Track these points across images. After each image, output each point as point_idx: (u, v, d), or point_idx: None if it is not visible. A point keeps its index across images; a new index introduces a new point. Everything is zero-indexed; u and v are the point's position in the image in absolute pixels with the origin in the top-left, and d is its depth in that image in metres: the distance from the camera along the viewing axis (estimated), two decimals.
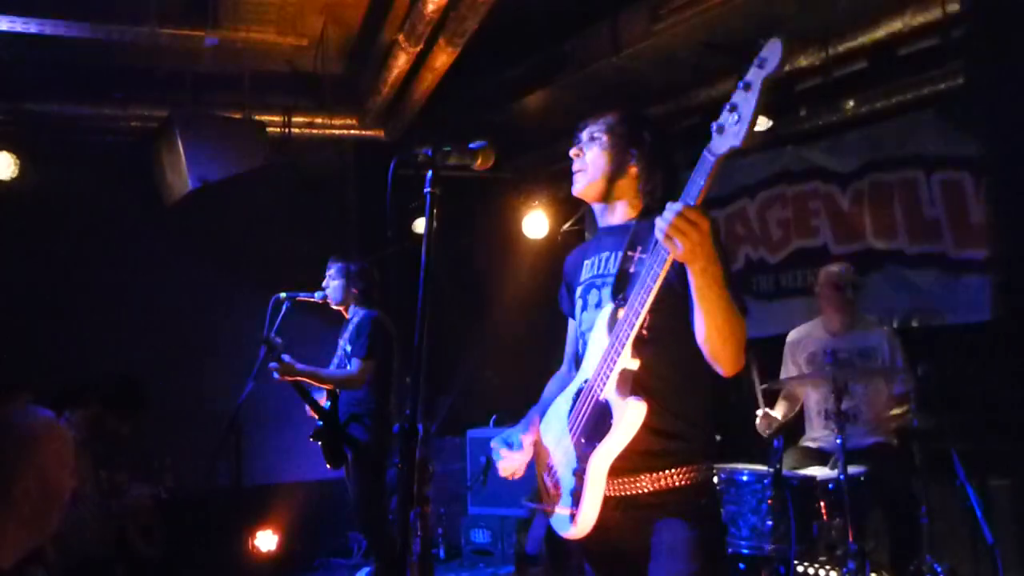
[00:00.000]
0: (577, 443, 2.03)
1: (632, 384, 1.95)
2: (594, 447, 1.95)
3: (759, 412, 4.09)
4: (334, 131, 5.76)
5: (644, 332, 1.96)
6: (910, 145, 4.87)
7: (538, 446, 2.21)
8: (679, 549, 1.97)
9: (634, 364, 1.94)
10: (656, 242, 1.82)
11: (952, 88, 4.41)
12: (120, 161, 5.52)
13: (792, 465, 3.94)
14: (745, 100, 1.65)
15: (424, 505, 1.78)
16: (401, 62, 4.77)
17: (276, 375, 4.07)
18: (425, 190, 2.02)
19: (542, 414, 2.25)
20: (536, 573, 5.08)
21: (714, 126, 1.70)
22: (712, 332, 1.89)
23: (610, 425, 1.93)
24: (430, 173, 2.02)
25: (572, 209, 6.68)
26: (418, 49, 4.60)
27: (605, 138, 2.20)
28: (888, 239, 4.99)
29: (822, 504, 3.63)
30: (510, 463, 2.20)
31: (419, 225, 6.09)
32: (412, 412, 1.83)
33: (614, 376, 1.94)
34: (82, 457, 3.88)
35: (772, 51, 1.64)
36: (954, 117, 4.30)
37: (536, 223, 6.51)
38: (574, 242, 7.05)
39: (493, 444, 2.24)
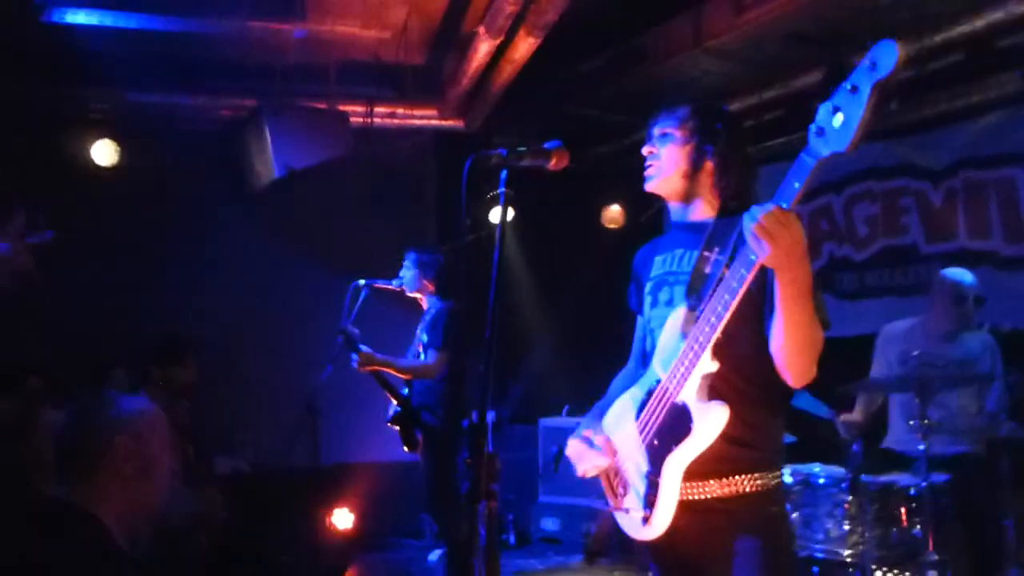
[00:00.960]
0: (650, 445, 2.00)
1: (711, 388, 1.92)
2: (670, 450, 1.93)
3: (839, 419, 3.99)
4: (414, 121, 5.85)
5: (720, 337, 1.90)
6: (1008, 142, 4.65)
7: (606, 440, 2.19)
8: (750, 558, 1.95)
9: (714, 367, 1.89)
10: (741, 245, 1.77)
11: None
12: (211, 149, 5.72)
13: (872, 468, 3.83)
14: (851, 103, 1.53)
15: (491, 499, 1.79)
16: (481, 53, 4.81)
17: (355, 365, 4.19)
18: (500, 190, 2.03)
19: (604, 411, 2.23)
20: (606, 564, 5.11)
21: (812, 128, 1.59)
22: (790, 343, 1.82)
23: (689, 429, 1.90)
24: (504, 172, 2.04)
25: (649, 202, 6.62)
26: (499, 41, 4.63)
27: (678, 134, 2.13)
28: (982, 239, 4.78)
29: (903, 510, 3.54)
30: (591, 463, 2.16)
31: (496, 215, 6.13)
32: (481, 405, 1.85)
33: (694, 379, 1.90)
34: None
35: (885, 53, 1.49)
36: None
37: (613, 215, 6.48)
38: (651, 235, 6.97)
39: (571, 443, 2.21)
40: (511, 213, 6.50)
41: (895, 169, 5.21)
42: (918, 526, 3.50)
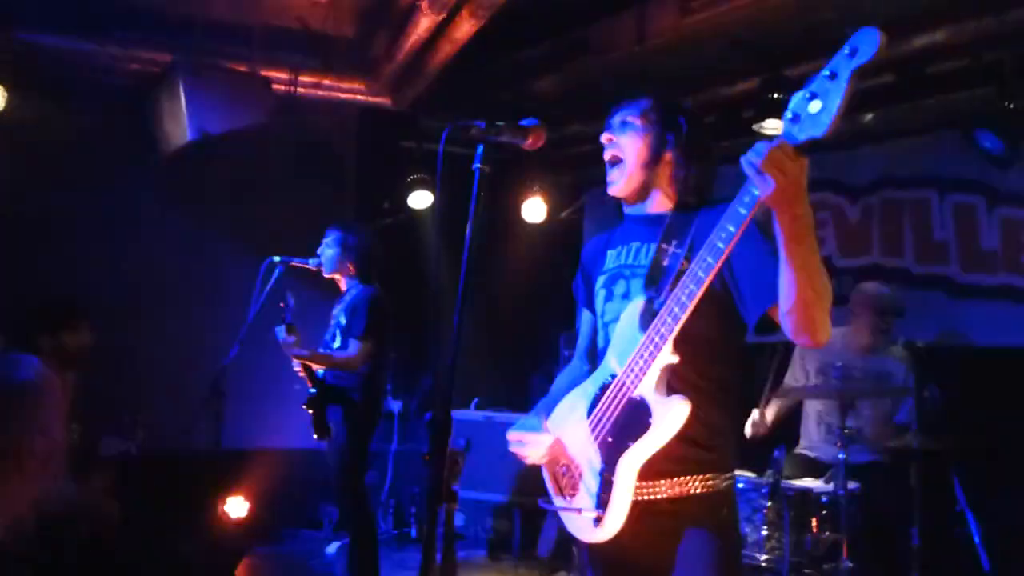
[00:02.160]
0: (603, 443, 1.94)
1: (668, 385, 1.87)
2: (626, 447, 1.87)
3: (754, 413, 4.05)
4: (341, 94, 5.60)
5: (679, 332, 1.86)
6: (925, 165, 4.85)
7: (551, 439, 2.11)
8: (697, 561, 1.91)
9: (675, 359, 1.84)
10: (702, 238, 1.75)
11: (977, 111, 4.37)
12: (117, 104, 5.32)
13: (786, 474, 3.91)
14: (830, 89, 1.53)
15: (451, 501, 1.69)
16: (421, 29, 4.62)
17: (284, 345, 3.96)
18: (475, 166, 1.93)
19: (550, 409, 2.15)
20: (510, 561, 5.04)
21: (787, 114, 1.58)
22: (807, 291, 1.70)
23: (647, 424, 1.84)
24: (479, 148, 1.93)
25: (571, 196, 6.60)
26: (441, 17, 4.46)
27: (639, 123, 2.09)
28: (894, 257, 4.97)
29: (815, 518, 3.61)
30: (535, 447, 2.07)
31: (416, 198, 5.96)
32: (445, 402, 1.75)
33: (653, 372, 1.84)
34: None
35: (866, 40, 1.52)
36: (975, 141, 4.26)
37: (535, 208, 6.41)
38: (573, 230, 7.00)
39: (511, 434, 2.12)
40: (430, 199, 6.35)
41: (818, 183, 5.35)
42: (828, 532, 3.58)
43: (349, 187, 6.35)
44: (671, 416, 1.82)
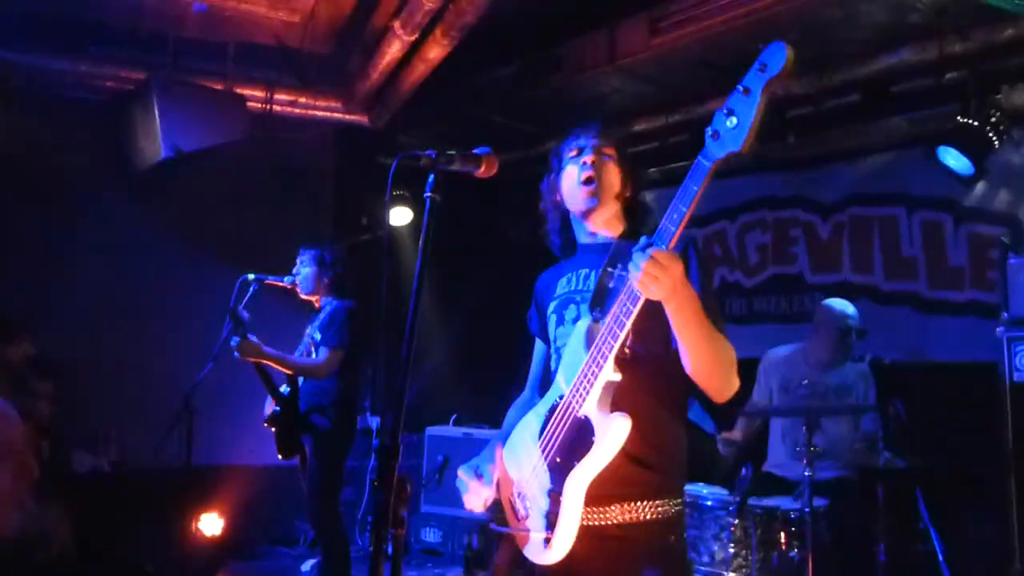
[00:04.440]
0: (552, 463, 1.95)
1: (613, 403, 1.88)
2: (572, 466, 1.88)
3: (719, 437, 4.08)
4: (317, 112, 5.61)
5: (626, 351, 1.89)
6: (895, 182, 4.91)
7: (504, 467, 2.13)
8: None
9: (616, 377, 1.86)
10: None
11: (942, 130, 4.44)
12: (90, 121, 5.30)
13: (753, 491, 3.93)
14: (744, 104, 1.60)
15: (399, 527, 1.69)
16: (394, 49, 4.67)
17: (237, 353, 3.93)
18: (425, 194, 1.94)
19: (506, 437, 2.18)
20: None
21: (708, 131, 1.66)
22: (698, 362, 1.86)
23: (591, 443, 1.85)
24: (431, 177, 1.94)
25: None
26: (413, 38, 4.50)
27: (617, 158, 2.16)
28: (864, 273, 5.02)
29: (782, 535, 3.62)
30: (476, 498, 2.11)
31: (394, 215, 5.97)
32: (394, 427, 1.75)
33: (596, 390, 1.86)
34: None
35: (775, 54, 1.59)
36: (941, 159, 4.32)
37: (511, 223, 6.43)
38: (546, 248, 6.99)
39: (461, 473, 2.14)
40: (410, 216, 6.35)
41: (788, 200, 5.41)
42: (796, 549, 3.60)
43: (326, 204, 6.36)
44: (612, 432, 1.83)
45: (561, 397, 1.97)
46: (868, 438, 3.96)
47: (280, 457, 4.20)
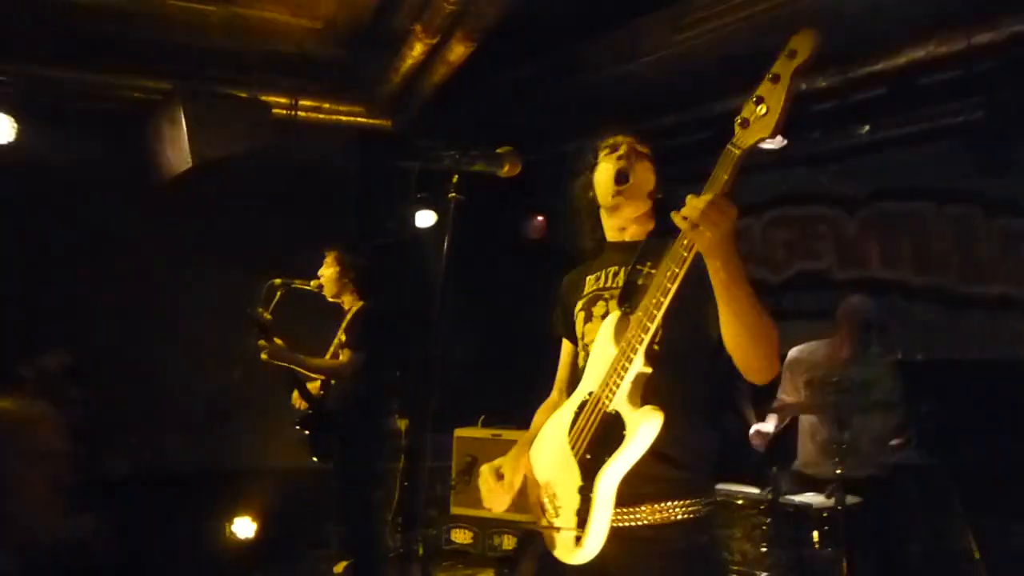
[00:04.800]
0: (582, 460, 1.94)
1: (643, 399, 1.87)
2: (603, 462, 1.87)
3: (752, 429, 4.06)
4: (340, 117, 5.66)
5: (655, 346, 1.88)
6: (923, 176, 4.84)
7: (532, 466, 2.13)
8: None
9: (647, 370, 1.85)
10: (671, 244, 1.78)
11: (970, 121, 4.37)
12: (119, 131, 5.37)
13: (784, 490, 3.90)
14: (773, 92, 1.64)
15: (429, 526, 1.69)
16: (416, 52, 4.68)
17: (262, 354, 3.98)
18: (449, 195, 1.95)
19: (530, 444, 2.18)
20: None
21: (738, 120, 1.68)
22: (742, 332, 1.80)
23: (622, 437, 1.84)
24: (455, 178, 1.95)
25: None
26: (434, 41, 4.52)
27: (646, 153, 2.16)
28: (893, 269, 4.96)
29: (815, 533, 3.59)
30: (497, 498, 2.13)
31: (420, 218, 5.99)
32: (421, 430, 1.76)
33: (626, 384, 1.86)
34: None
35: (803, 42, 1.63)
36: (970, 151, 4.26)
37: (537, 224, 6.44)
38: (572, 247, 6.98)
39: (483, 472, 2.16)
40: (433, 218, 6.36)
41: (814, 195, 5.36)
42: (829, 548, 3.56)
43: (350, 208, 6.40)
44: (644, 426, 1.82)
45: (591, 393, 1.96)
46: (896, 433, 3.92)
47: (314, 460, 4.24)
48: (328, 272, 4.38)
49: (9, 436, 1.68)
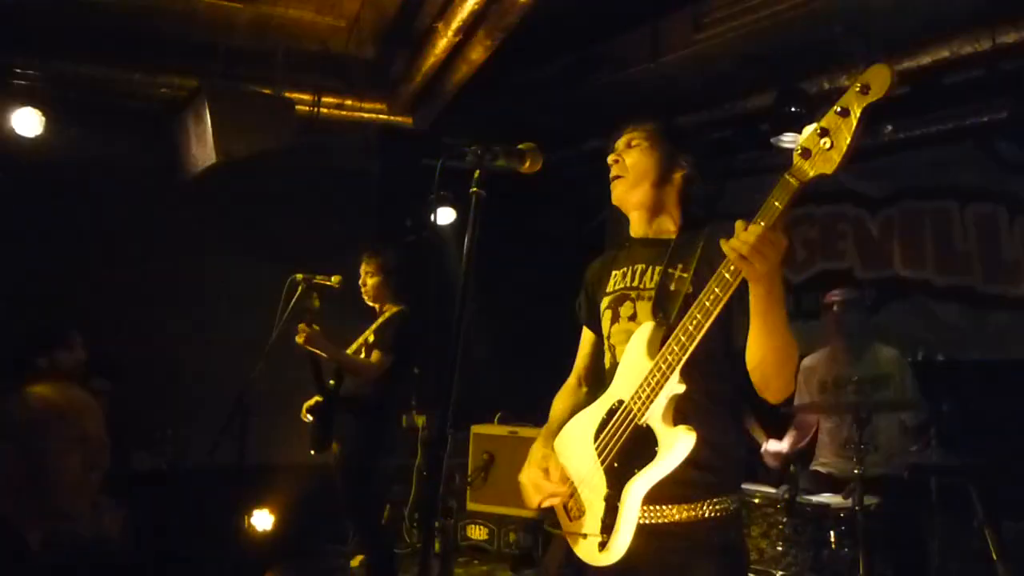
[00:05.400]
0: (609, 468, 1.94)
1: (675, 411, 1.87)
2: (632, 474, 1.88)
3: (763, 448, 4.06)
4: (363, 115, 5.69)
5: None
6: (946, 175, 4.80)
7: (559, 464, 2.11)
8: None
9: (681, 389, 1.85)
10: (707, 264, 1.78)
11: (995, 121, 4.33)
12: (145, 128, 5.46)
13: (803, 490, 3.88)
14: (840, 127, 1.56)
15: (448, 517, 1.71)
16: (438, 50, 4.71)
17: (300, 339, 4.00)
18: (471, 190, 1.96)
19: (556, 430, 2.16)
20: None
21: (797, 149, 1.61)
22: (769, 356, 1.81)
23: (654, 452, 1.85)
24: (476, 173, 1.96)
25: (594, 213, 6.62)
26: (457, 39, 4.54)
27: (646, 143, 2.14)
28: (916, 268, 4.92)
29: (832, 533, 3.57)
30: (548, 495, 2.05)
31: (440, 215, 6.01)
32: (442, 421, 1.77)
33: (660, 400, 1.85)
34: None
35: (878, 78, 1.55)
36: (994, 150, 4.22)
37: (556, 220, 6.45)
38: (595, 243, 7.01)
39: (526, 471, 2.11)
40: (453, 215, 6.38)
41: (836, 195, 5.32)
42: (847, 548, 3.55)
43: (371, 206, 6.44)
44: (678, 446, 1.82)
45: (621, 402, 1.95)
46: (916, 435, 3.89)
47: (312, 452, 4.26)
48: (373, 281, 4.38)
49: (50, 422, 1.71)
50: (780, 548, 3.52)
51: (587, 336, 2.30)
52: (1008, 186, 4.55)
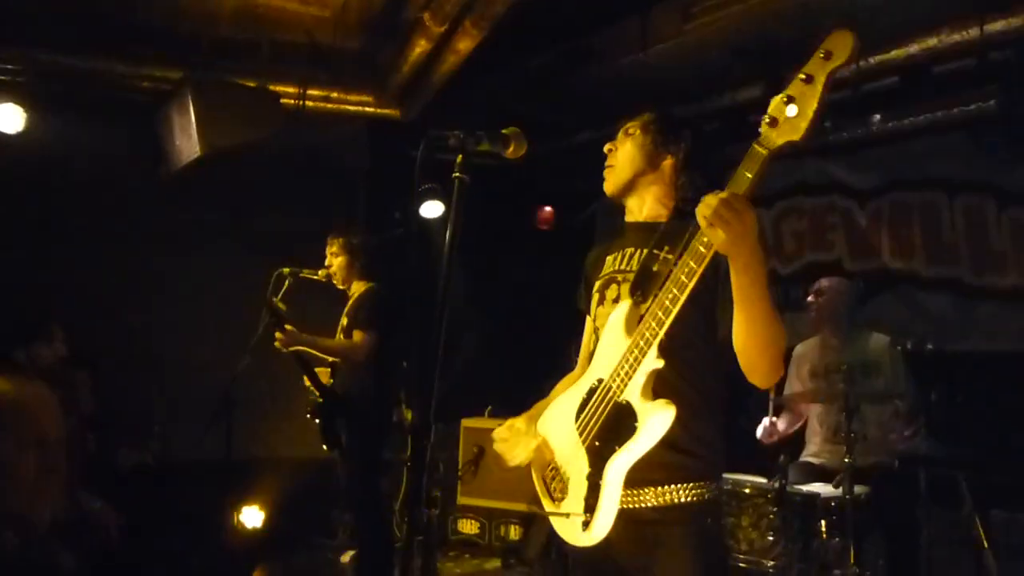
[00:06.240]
0: (591, 447, 1.95)
1: (654, 391, 1.87)
2: (612, 451, 1.88)
3: (765, 420, 4.05)
4: (349, 107, 5.63)
5: (664, 339, 1.87)
6: (935, 166, 4.80)
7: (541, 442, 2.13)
8: (681, 572, 1.92)
9: (659, 364, 1.84)
10: (690, 238, 1.76)
11: (984, 111, 4.33)
12: (128, 120, 5.40)
13: (793, 481, 3.89)
14: (805, 93, 1.57)
15: (432, 507, 1.70)
16: (424, 41, 4.67)
17: (278, 343, 3.99)
18: (454, 175, 1.94)
19: (542, 410, 2.18)
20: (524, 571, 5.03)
21: (765, 119, 1.62)
22: (752, 337, 1.80)
23: (633, 428, 1.85)
24: (460, 158, 1.94)
25: (584, 204, 6.60)
26: (443, 29, 4.50)
27: (639, 133, 2.15)
28: (904, 260, 4.92)
29: (822, 523, 3.58)
30: (516, 449, 2.12)
31: (427, 208, 5.98)
32: (425, 410, 1.76)
33: (638, 376, 1.85)
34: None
35: (840, 43, 1.56)
36: (983, 141, 4.22)
37: (544, 215, 6.43)
38: (584, 237, 6.99)
39: (497, 432, 2.18)
40: (441, 209, 6.35)
41: (825, 186, 5.32)
42: (837, 538, 3.55)
43: (359, 198, 6.41)
44: (656, 420, 1.82)
45: (600, 381, 1.96)
46: (907, 422, 3.90)
47: (325, 448, 4.24)
48: (338, 261, 4.38)
49: (5, 416, 1.67)
50: (770, 538, 3.53)
51: (589, 325, 2.31)
52: (996, 177, 4.55)
